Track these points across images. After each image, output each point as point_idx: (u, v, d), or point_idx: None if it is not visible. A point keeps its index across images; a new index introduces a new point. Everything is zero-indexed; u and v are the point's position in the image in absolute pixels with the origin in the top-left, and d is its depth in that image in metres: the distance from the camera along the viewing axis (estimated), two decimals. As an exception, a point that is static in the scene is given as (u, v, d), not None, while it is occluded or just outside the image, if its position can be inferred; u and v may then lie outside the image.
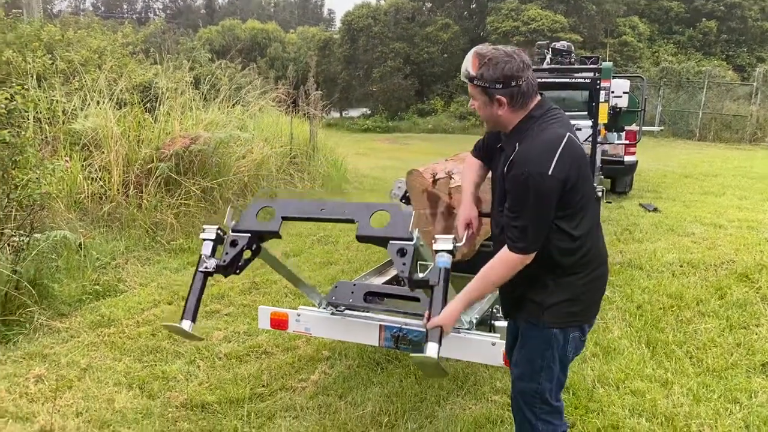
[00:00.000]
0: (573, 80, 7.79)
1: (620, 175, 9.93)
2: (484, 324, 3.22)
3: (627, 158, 9.69)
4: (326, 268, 6.07)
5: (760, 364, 3.94)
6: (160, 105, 7.88)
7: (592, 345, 4.16)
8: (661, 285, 5.37)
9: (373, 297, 3.51)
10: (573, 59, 8.60)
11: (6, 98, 5.59)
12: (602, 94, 7.04)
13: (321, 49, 30.48)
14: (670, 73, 23.12)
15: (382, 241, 2.40)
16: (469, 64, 2.19)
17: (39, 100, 6.72)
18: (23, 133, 5.44)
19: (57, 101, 7.02)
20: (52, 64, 7.83)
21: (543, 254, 2.20)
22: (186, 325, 2.58)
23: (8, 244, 4.60)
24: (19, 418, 3.28)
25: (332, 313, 3.38)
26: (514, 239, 2.16)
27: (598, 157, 7.72)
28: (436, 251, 2.30)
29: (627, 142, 9.53)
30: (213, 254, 2.64)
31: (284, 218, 2.59)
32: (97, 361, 4.01)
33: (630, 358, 4.00)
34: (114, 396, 3.55)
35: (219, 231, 2.64)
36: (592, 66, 7.89)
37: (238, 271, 2.65)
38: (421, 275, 2.31)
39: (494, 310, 3.27)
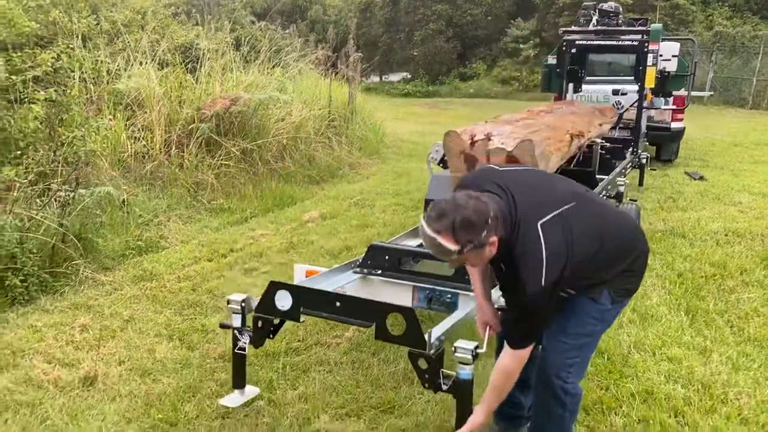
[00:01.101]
0: (620, 43, 7.54)
1: (666, 142, 9.62)
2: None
3: (674, 125, 9.37)
4: (362, 231, 6.09)
5: (804, 335, 3.83)
6: (201, 66, 7.94)
7: (629, 311, 4.10)
8: (704, 253, 5.24)
9: (407, 258, 3.52)
10: (620, 21, 8.31)
11: (53, 57, 5.71)
12: (650, 58, 6.82)
13: (362, 12, 30.05)
14: (724, 38, 22.13)
15: (401, 344, 2.47)
16: (444, 245, 1.99)
17: (84, 60, 6.82)
18: (69, 91, 5.57)
19: (101, 61, 7.13)
20: (97, 24, 7.94)
21: (597, 277, 2.29)
22: (238, 396, 2.94)
23: (55, 199, 4.75)
24: (66, 364, 3.42)
25: (367, 274, 3.42)
26: (515, 340, 2.23)
27: (644, 123, 7.52)
28: (458, 362, 2.29)
29: (674, 107, 9.24)
30: (244, 323, 2.81)
31: (302, 311, 2.68)
32: (139, 313, 4.14)
33: (668, 325, 3.94)
34: (155, 346, 3.66)
35: (243, 303, 2.79)
36: (640, 28, 7.63)
37: (271, 336, 2.85)
38: (444, 387, 2.32)
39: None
